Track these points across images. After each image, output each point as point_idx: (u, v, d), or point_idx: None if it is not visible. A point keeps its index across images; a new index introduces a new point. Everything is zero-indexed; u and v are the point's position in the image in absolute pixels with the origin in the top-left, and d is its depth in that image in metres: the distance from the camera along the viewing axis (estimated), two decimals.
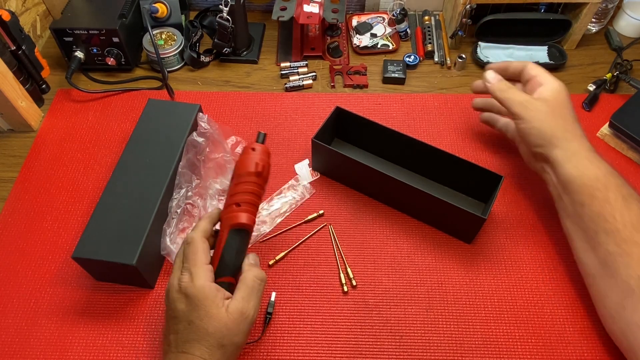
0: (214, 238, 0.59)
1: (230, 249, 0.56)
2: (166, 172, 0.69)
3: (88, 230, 0.64)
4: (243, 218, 0.56)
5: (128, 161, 0.71)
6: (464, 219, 0.67)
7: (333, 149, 0.72)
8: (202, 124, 0.75)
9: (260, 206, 0.72)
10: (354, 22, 1.00)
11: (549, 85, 0.66)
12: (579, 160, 0.61)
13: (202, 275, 0.53)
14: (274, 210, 0.75)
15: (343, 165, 0.74)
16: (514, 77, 0.72)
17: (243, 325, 0.53)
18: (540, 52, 0.95)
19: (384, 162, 0.79)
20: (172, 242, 0.67)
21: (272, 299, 0.66)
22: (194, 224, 0.71)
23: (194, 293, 0.52)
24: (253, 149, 0.57)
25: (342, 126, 0.79)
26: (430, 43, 0.96)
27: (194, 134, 0.74)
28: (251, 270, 0.57)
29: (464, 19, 0.91)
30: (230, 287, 0.56)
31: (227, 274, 0.57)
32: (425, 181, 0.77)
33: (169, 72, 0.93)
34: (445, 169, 0.74)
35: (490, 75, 0.71)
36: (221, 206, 0.59)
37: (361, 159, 0.70)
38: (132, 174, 0.69)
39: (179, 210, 0.70)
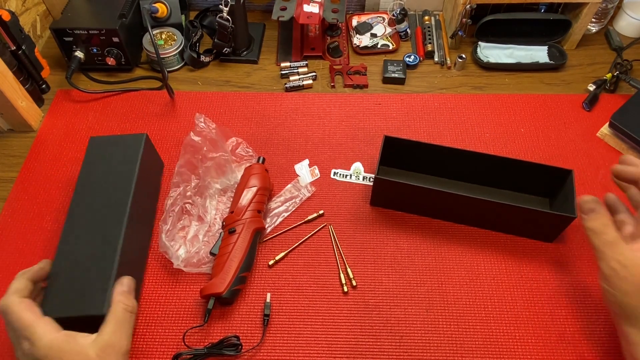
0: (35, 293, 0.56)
1: (253, 248, 0.67)
2: (123, 208, 0.63)
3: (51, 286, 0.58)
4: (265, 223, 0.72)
5: (80, 206, 0.64)
6: (550, 221, 0.67)
7: (401, 181, 0.69)
8: (199, 124, 0.75)
9: None
10: (354, 22, 1.00)
11: None
12: None
13: (42, 333, 0.49)
14: (274, 210, 0.75)
15: (407, 194, 0.71)
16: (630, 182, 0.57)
17: (115, 359, 0.50)
18: (540, 52, 0.95)
19: (437, 178, 0.77)
20: (168, 240, 0.67)
21: (268, 300, 0.66)
22: (190, 229, 0.71)
23: (44, 353, 0.49)
24: (267, 170, 0.74)
25: (388, 152, 0.75)
26: (430, 43, 0.96)
27: (191, 133, 0.74)
28: (121, 300, 0.55)
29: (464, 19, 0.91)
30: (244, 280, 0.65)
31: (248, 269, 0.66)
32: (482, 188, 0.76)
33: (169, 72, 0.93)
34: (498, 171, 0.73)
35: (587, 203, 0.56)
36: (220, 205, 0.60)
37: (413, 180, 0.69)
38: (87, 219, 0.63)
39: (175, 209, 0.70)
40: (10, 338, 0.52)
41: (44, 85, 0.87)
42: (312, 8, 0.89)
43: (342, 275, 0.69)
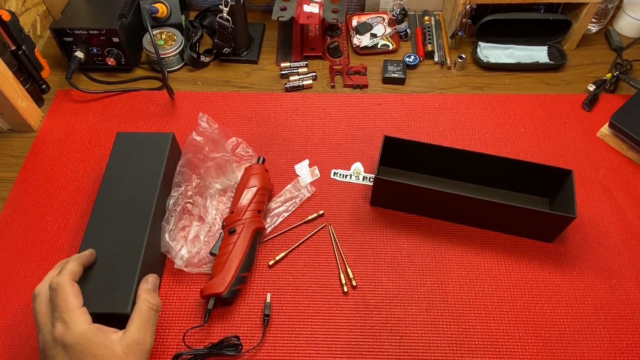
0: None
1: (253, 248, 0.68)
2: (148, 208, 0.65)
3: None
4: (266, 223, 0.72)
5: (105, 202, 0.66)
6: (550, 221, 0.67)
7: (401, 181, 0.69)
8: (202, 124, 0.75)
9: None
10: (354, 22, 1.00)
11: None
12: None
13: (78, 321, 0.51)
14: (274, 210, 0.75)
15: (407, 194, 0.71)
16: None
17: (140, 356, 0.52)
18: (540, 52, 0.95)
19: (437, 178, 0.77)
20: (171, 239, 0.67)
21: (268, 300, 0.66)
22: (191, 229, 0.71)
23: (75, 341, 0.49)
24: (267, 170, 0.74)
25: (388, 152, 0.75)
26: (430, 43, 0.96)
27: (193, 133, 0.74)
28: (146, 299, 0.56)
29: (464, 19, 0.91)
30: (244, 280, 0.65)
31: (248, 269, 0.66)
32: (482, 188, 0.76)
33: (169, 72, 0.93)
34: (498, 171, 0.73)
35: None
36: (220, 205, 0.60)
37: (413, 180, 0.69)
38: (112, 216, 0.65)
39: (177, 209, 0.70)
40: (41, 317, 0.52)
41: (44, 85, 0.87)
42: (312, 8, 0.89)
43: (342, 275, 0.69)
